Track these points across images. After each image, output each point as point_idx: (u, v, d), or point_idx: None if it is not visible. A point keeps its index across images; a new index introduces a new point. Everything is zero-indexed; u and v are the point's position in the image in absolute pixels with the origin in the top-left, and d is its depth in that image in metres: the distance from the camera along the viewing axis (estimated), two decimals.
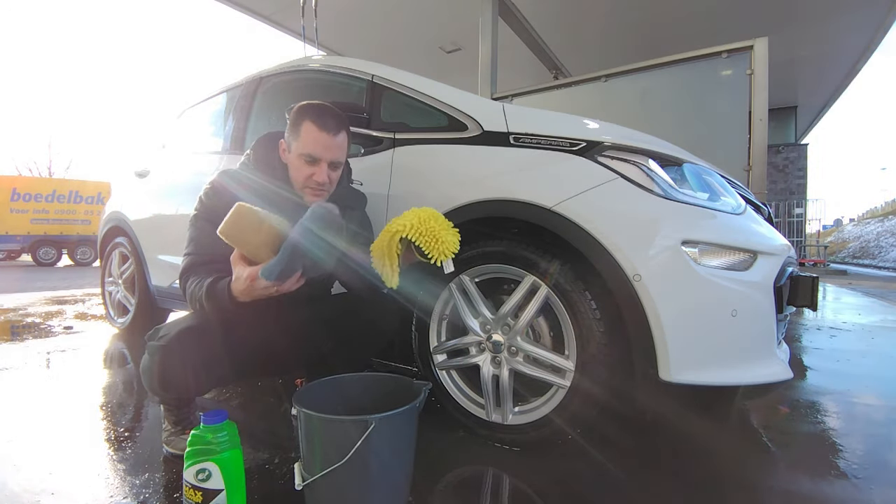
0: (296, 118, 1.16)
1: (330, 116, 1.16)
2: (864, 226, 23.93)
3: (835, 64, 7.28)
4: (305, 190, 1.18)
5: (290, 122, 1.18)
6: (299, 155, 1.15)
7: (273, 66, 2.06)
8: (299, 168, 1.16)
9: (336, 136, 1.16)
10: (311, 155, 1.14)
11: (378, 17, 6.07)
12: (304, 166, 1.16)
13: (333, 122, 1.16)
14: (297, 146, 1.16)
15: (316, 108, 1.17)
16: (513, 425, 1.23)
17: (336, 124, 1.16)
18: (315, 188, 1.17)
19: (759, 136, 2.56)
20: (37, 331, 2.84)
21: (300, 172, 1.17)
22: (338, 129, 1.17)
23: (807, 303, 1.21)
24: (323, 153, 1.15)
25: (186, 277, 1.12)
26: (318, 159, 1.15)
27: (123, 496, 0.99)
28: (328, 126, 1.15)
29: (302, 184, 1.18)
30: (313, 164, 1.15)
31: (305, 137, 1.14)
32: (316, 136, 1.14)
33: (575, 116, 1.36)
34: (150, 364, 1.05)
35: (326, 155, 1.15)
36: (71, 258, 12.71)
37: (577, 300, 1.13)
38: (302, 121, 1.15)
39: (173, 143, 2.69)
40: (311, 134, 1.14)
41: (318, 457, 0.86)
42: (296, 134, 1.16)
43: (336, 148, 1.17)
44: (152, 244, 2.48)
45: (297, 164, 1.17)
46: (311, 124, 1.14)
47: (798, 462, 1.23)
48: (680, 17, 5.63)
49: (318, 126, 1.14)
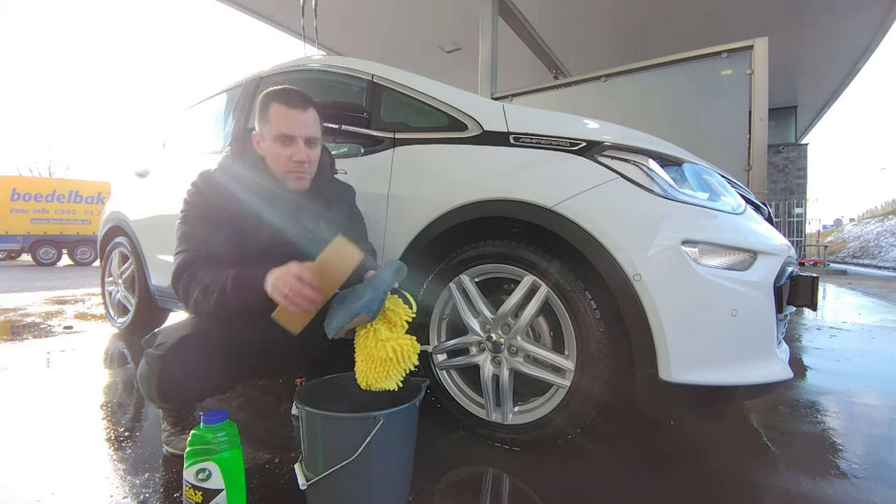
0: (263, 105, 1.17)
1: (295, 95, 1.17)
2: (864, 226, 23.92)
3: (835, 64, 7.28)
4: (289, 175, 1.17)
5: (258, 112, 1.19)
6: (274, 138, 1.15)
7: (273, 66, 2.06)
8: (277, 153, 1.16)
9: (305, 111, 1.16)
10: (285, 134, 1.14)
11: (378, 16, 6.07)
12: (281, 149, 1.15)
13: (299, 100, 1.16)
14: (269, 130, 1.15)
15: (280, 90, 1.18)
16: (513, 425, 1.23)
17: (302, 101, 1.17)
18: (297, 170, 1.17)
19: (759, 136, 2.56)
20: (37, 331, 2.84)
21: (279, 157, 1.16)
22: (305, 106, 1.17)
23: (807, 303, 1.21)
24: (297, 130, 1.15)
25: (186, 273, 1.06)
26: (293, 137, 1.14)
27: (123, 496, 0.99)
28: (295, 103, 1.15)
29: (283, 168, 1.17)
30: (289, 144, 1.15)
31: (276, 119, 1.14)
32: (285, 113, 1.14)
33: (575, 116, 1.36)
34: (149, 374, 1.03)
35: (300, 131, 1.15)
36: (71, 258, 12.70)
37: (577, 300, 1.13)
38: (269, 105, 1.16)
39: (173, 142, 2.69)
40: (280, 114, 1.14)
41: (321, 455, 0.86)
42: (265, 119, 1.16)
43: (308, 123, 1.17)
44: (152, 244, 2.47)
45: (274, 150, 1.16)
46: (278, 105, 1.14)
47: (798, 462, 1.23)
48: (680, 17, 5.63)
49: (285, 105, 1.14)
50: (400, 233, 1.40)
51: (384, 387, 0.94)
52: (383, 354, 0.92)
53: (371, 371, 0.93)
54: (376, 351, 0.93)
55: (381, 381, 0.93)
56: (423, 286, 1.36)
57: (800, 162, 10.17)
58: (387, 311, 0.98)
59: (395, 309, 0.99)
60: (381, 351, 0.93)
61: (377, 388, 0.94)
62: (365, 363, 0.94)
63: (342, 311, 0.95)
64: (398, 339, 0.95)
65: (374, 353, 0.93)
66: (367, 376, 0.93)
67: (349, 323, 0.93)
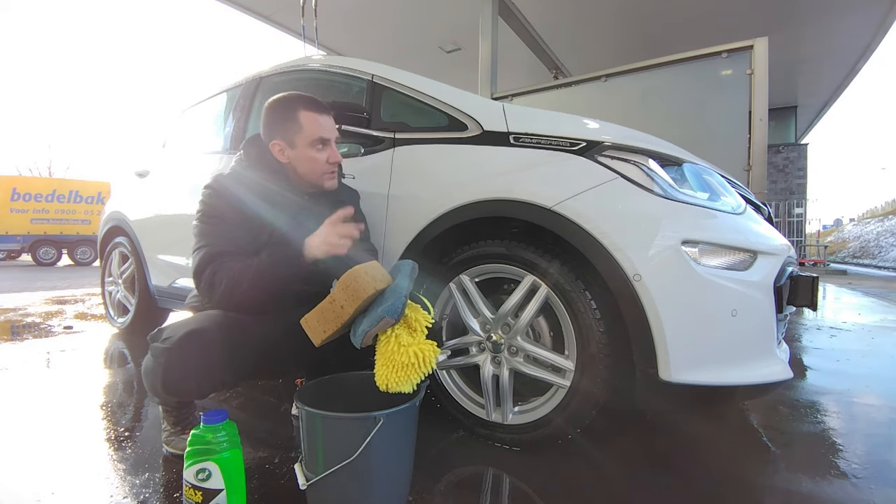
0: (287, 113, 1.19)
1: (317, 100, 1.23)
2: (864, 226, 23.92)
3: (835, 64, 7.28)
4: (324, 176, 1.23)
5: (278, 119, 1.20)
6: (310, 143, 1.19)
7: (273, 66, 2.06)
8: (313, 158, 1.20)
9: (330, 115, 1.25)
10: (322, 138, 1.20)
11: (378, 16, 6.07)
12: (316, 154, 1.20)
13: (323, 104, 1.24)
14: (302, 137, 1.19)
15: (301, 98, 1.22)
16: (513, 425, 1.23)
17: (325, 105, 1.24)
18: (332, 171, 1.24)
19: (759, 136, 2.56)
20: (37, 331, 2.84)
21: (315, 162, 1.20)
22: (328, 110, 1.25)
23: (807, 302, 1.21)
24: (329, 133, 1.22)
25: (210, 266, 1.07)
26: (328, 140, 1.21)
27: (123, 496, 0.99)
28: (322, 108, 1.22)
29: (321, 171, 1.22)
30: (325, 148, 1.21)
31: (309, 125, 1.19)
32: (318, 119, 1.20)
33: (575, 116, 1.36)
34: (154, 366, 1.04)
35: (332, 134, 1.23)
36: (71, 258, 12.70)
37: (577, 300, 1.13)
38: (296, 112, 1.19)
39: (173, 143, 2.69)
40: (313, 120, 1.19)
41: (321, 455, 0.86)
42: (295, 127, 1.19)
43: (333, 125, 1.25)
44: (152, 244, 2.48)
45: (309, 155, 1.20)
46: (308, 112, 1.19)
47: (798, 462, 1.23)
48: (680, 16, 5.63)
49: (315, 111, 1.21)
50: (400, 233, 1.40)
51: (401, 390, 0.95)
52: (405, 359, 0.94)
53: (393, 375, 0.94)
54: (398, 356, 0.95)
55: (400, 385, 0.94)
56: (423, 286, 1.35)
57: (800, 162, 10.17)
58: (407, 317, 1.00)
59: (416, 315, 1.01)
60: (404, 356, 0.94)
61: (394, 391, 0.95)
62: (386, 367, 0.96)
63: (367, 318, 0.96)
64: (419, 344, 0.97)
65: (397, 357, 0.95)
66: (389, 379, 0.95)
67: (374, 327, 0.95)
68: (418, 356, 0.95)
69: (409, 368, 0.94)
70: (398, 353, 0.95)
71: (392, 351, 0.96)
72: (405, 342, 0.96)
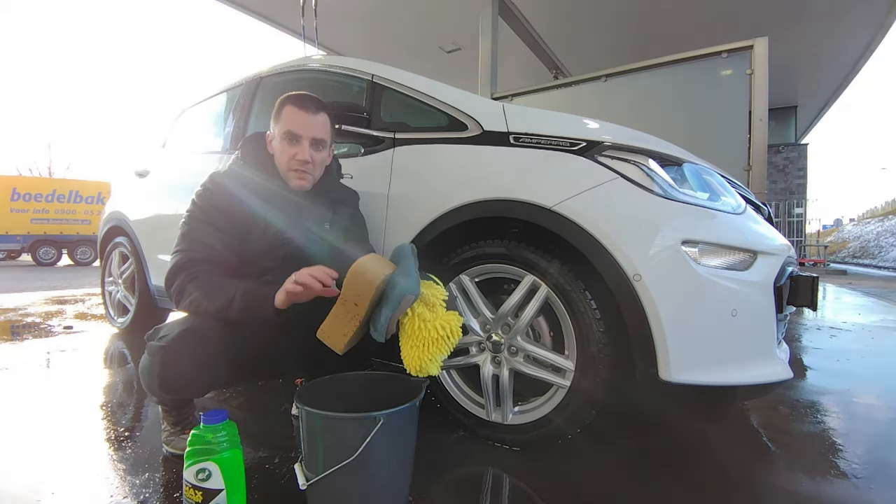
0: (278, 106, 1.23)
1: (308, 98, 1.22)
2: (864, 226, 23.92)
3: (835, 64, 7.29)
4: (290, 173, 1.21)
5: (273, 113, 1.24)
6: (282, 136, 1.20)
7: (273, 66, 2.06)
8: (283, 150, 1.20)
9: (315, 114, 1.21)
10: (291, 132, 1.19)
11: (378, 17, 6.07)
12: (286, 147, 1.20)
13: (311, 103, 1.22)
14: (279, 128, 1.20)
15: (296, 95, 1.23)
16: (513, 425, 1.23)
17: (315, 105, 1.22)
18: (299, 168, 1.20)
19: (759, 136, 2.56)
20: (37, 331, 2.84)
21: (284, 154, 1.20)
22: (317, 110, 1.22)
23: (807, 302, 1.21)
24: (303, 130, 1.19)
25: (184, 273, 1.08)
26: (299, 136, 1.19)
27: (123, 496, 0.99)
28: (306, 106, 1.20)
29: (286, 166, 1.21)
30: (295, 143, 1.19)
31: (286, 118, 1.20)
32: (295, 114, 1.19)
33: (575, 116, 1.36)
34: (150, 364, 1.04)
35: (307, 132, 1.19)
36: (71, 258, 12.70)
37: (577, 300, 1.13)
38: (283, 106, 1.21)
39: (173, 142, 2.69)
40: (290, 114, 1.20)
41: (321, 455, 0.86)
42: (277, 119, 1.21)
43: (316, 126, 1.21)
44: (152, 244, 2.47)
45: (281, 147, 1.21)
46: (290, 106, 1.21)
47: (798, 462, 1.23)
48: (680, 16, 5.63)
49: (297, 106, 1.20)
50: (400, 233, 1.40)
51: (431, 372, 0.96)
52: (434, 334, 0.95)
53: (425, 353, 0.95)
54: (425, 332, 0.96)
55: (432, 364, 0.95)
56: None
57: (800, 162, 10.18)
58: (423, 294, 1.01)
59: (431, 291, 1.03)
60: (432, 331, 0.96)
61: (425, 374, 0.97)
62: (416, 348, 0.96)
63: (387, 304, 0.95)
64: (442, 317, 0.99)
65: (423, 334, 0.96)
66: (421, 360, 0.95)
67: (397, 310, 0.95)
68: (445, 328, 0.96)
69: (439, 342, 0.95)
70: (424, 330, 0.96)
71: (419, 329, 0.96)
72: (428, 318, 0.97)
